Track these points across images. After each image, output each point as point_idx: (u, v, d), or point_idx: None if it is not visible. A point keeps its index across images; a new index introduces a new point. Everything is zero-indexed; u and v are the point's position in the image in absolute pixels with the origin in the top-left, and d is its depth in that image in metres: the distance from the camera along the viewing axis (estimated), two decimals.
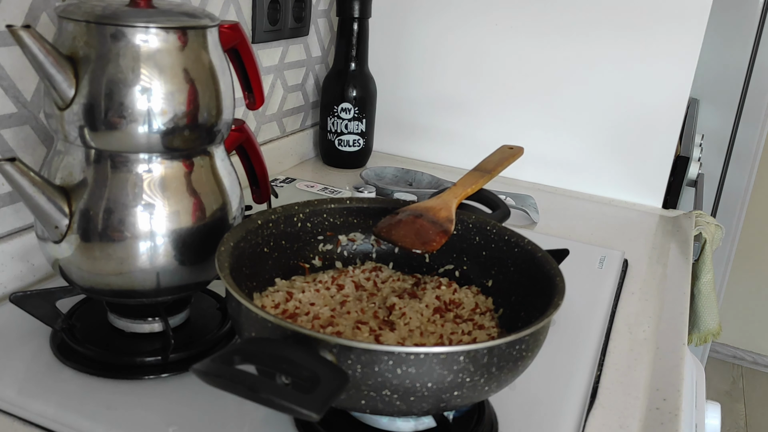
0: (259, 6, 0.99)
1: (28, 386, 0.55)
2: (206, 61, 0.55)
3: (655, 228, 1.04)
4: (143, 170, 0.54)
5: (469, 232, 0.63)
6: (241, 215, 0.62)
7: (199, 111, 0.55)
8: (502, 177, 1.18)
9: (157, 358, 0.58)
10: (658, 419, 0.59)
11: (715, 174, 1.82)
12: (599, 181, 1.13)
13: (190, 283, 0.58)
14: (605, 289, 0.80)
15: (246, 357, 0.40)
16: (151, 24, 0.52)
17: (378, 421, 0.51)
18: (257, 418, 0.53)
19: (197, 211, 0.57)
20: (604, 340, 0.70)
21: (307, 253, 0.63)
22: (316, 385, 0.37)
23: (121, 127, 0.52)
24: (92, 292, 0.57)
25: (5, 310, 0.63)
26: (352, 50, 1.11)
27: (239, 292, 0.46)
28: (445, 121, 1.20)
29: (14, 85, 0.66)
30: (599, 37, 1.07)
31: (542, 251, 0.57)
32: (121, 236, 0.54)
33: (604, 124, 1.10)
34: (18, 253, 0.68)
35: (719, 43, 1.69)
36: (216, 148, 0.59)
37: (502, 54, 1.13)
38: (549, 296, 0.51)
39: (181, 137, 0.54)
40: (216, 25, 0.57)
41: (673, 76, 1.04)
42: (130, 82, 0.52)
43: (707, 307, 1.07)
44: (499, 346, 0.43)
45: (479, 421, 0.53)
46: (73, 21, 0.52)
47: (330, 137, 1.15)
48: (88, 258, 0.55)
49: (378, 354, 0.41)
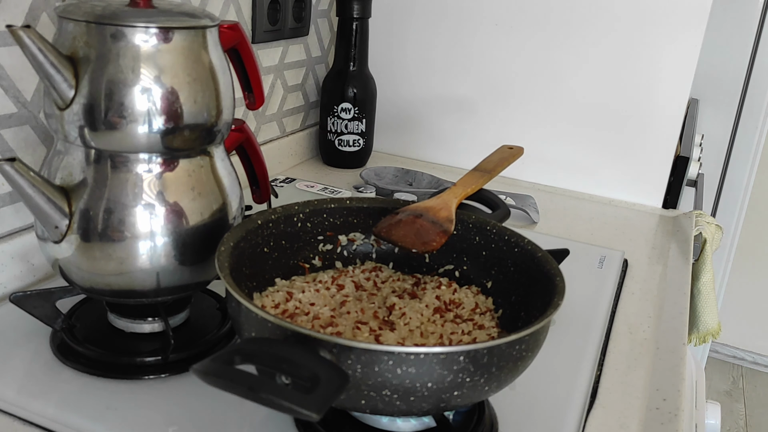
0: (259, 6, 0.99)
1: (28, 386, 0.55)
2: (206, 61, 0.55)
3: (655, 228, 1.04)
4: (143, 170, 0.54)
5: (469, 232, 0.63)
6: (241, 215, 0.62)
7: (198, 111, 0.55)
8: (502, 177, 1.18)
9: (157, 358, 0.58)
10: (658, 419, 0.59)
11: (715, 174, 1.82)
12: (599, 181, 1.13)
13: (190, 283, 0.58)
14: (605, 289, 0.80)
15: (246, 357, 0.40)
16: (151, 24, 0.52)
17: (378, 421, 0.51)
18: (257, 418, 0.53)
19: (197, 211, 0.57)
20: (604, 340, 0.70)
21: (307, 253, 0.63)
22: (316, 385, 0.37)
23: (121, 127, 0.52)
24: (92, 292, 0.57)
25: (5, 310, 0.63)
26: (352, 50, 1.11)
27: (239, 292, 0.46)
28: (445, 121, 1.20)
29: (14, 85, 0.66)
30: (599, 37, 1.07)
31: (542, 251, 0.57)
32: (121, 236, 0.54)
33: (604, 124, 1.10)
34: (18, 253, 0.68)
35: (719, 43, 1.69)
36: (216, 148, 0.59)
37: (502, 54, 1.13)
38: (549, 296, 0.51)
39: (181, 137, 0.54)
40: (216, 25, 0.57)
41: (673, 76, 1.04)
42: (130, 82, 0.52)
43: (707, 307, 1.07)
44: (499, 346, 0.43)
45: (479, 421, 0.53)
46: (73, 21, 0.52)
47: (330, 137, 1.15)
48: (88, 258, 0.55)
49: (378, 354, 0.41)
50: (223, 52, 0.58)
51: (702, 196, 1.25)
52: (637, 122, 1.08)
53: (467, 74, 1.17)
